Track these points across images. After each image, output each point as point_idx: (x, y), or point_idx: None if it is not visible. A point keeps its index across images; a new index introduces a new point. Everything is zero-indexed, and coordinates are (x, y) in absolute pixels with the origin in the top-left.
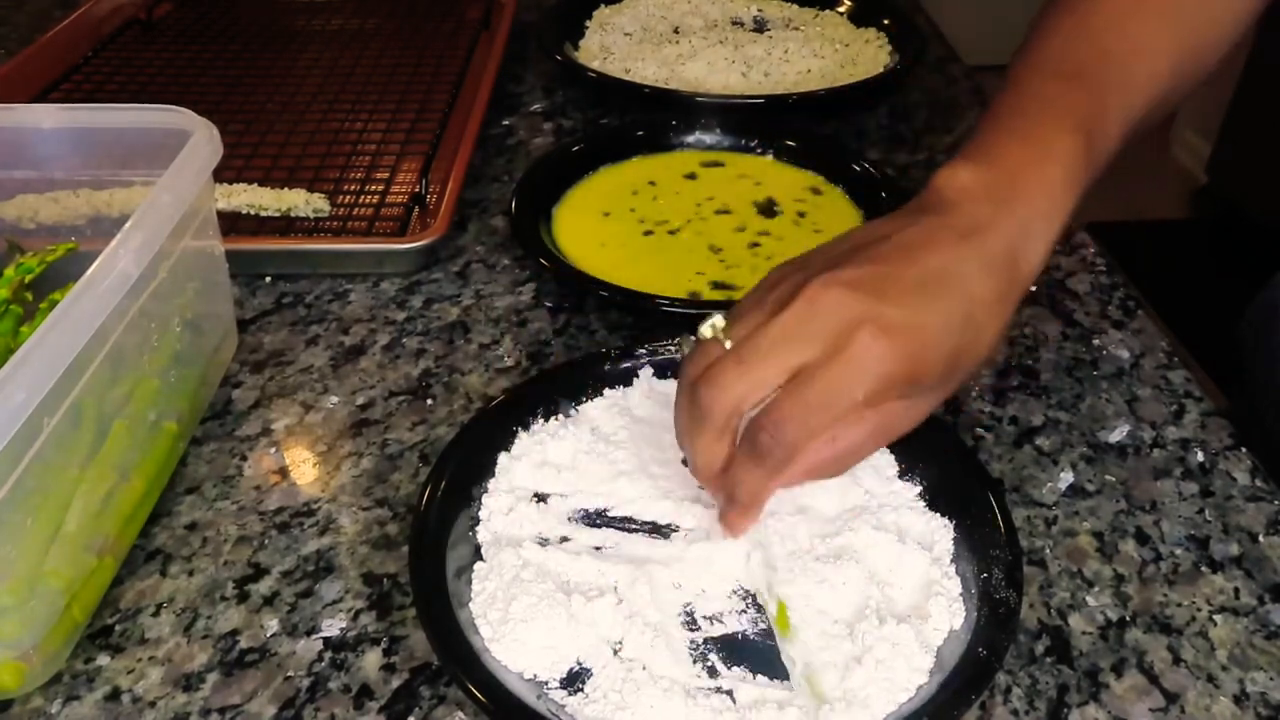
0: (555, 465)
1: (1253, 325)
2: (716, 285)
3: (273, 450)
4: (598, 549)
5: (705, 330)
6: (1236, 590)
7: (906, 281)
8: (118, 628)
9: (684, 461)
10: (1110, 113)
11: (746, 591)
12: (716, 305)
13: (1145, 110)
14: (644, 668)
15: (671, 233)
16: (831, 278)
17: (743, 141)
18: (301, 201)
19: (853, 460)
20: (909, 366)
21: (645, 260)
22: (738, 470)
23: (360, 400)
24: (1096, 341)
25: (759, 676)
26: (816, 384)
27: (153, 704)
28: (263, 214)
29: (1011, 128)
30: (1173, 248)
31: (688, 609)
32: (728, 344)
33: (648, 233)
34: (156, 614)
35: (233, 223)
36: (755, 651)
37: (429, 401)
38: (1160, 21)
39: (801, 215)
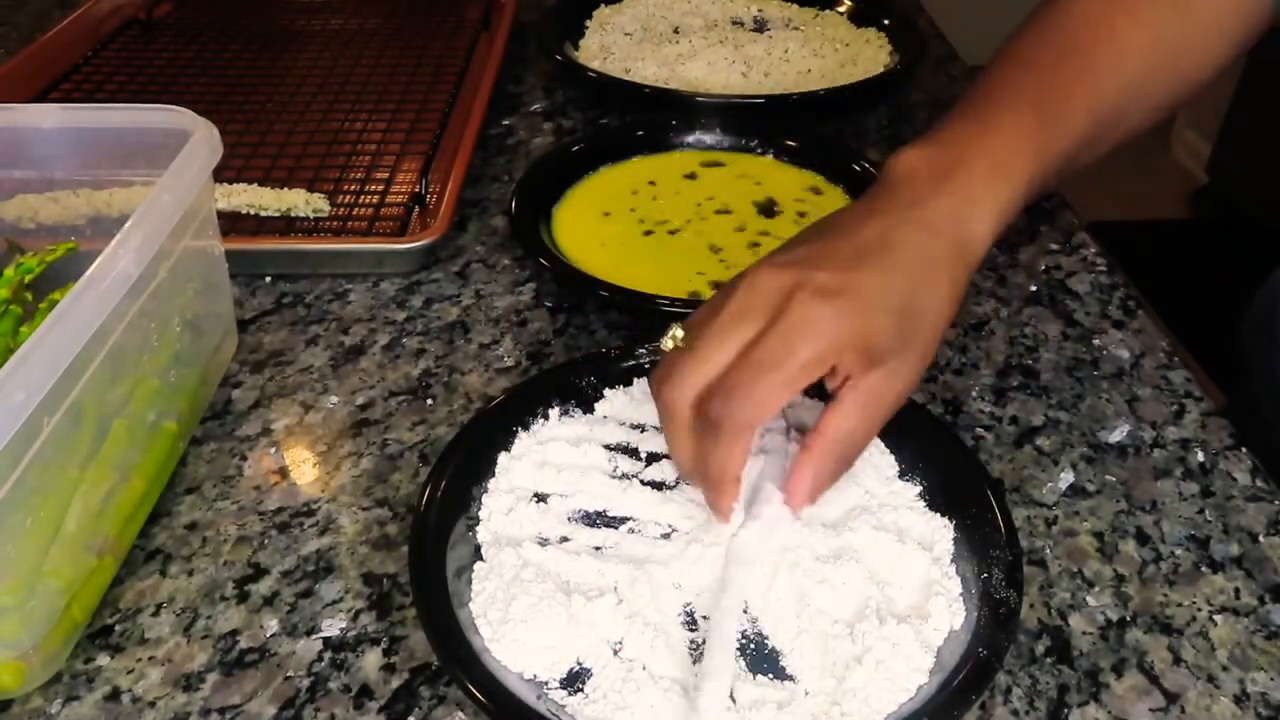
0: (555, 465)
1: (1252, 322)
2: (716, 285)
3: (273, 450)
4: (598, 549)
5: (667, 343)
6: (1237, 590)
7: (842, 251)
8: (118, 628)
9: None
10: (1072, 96)
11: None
12: None
13: (1117, 99)
14: (644, 668)
15: (671, 233)
16: (768, 260)
17: (743, 141)
18: (301, 201)
19: (850, 447)
20: (851, 324)
21: (645, 260)
22: (700, 449)
23: (360, 400)
24: (1097, 341)
25: (759, 676)
26: (759, 349)
27: (153, 704)
28: (263, 214)
29: (963, 111)
30: (1173, 248)
31: (688, 609)
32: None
33: (648, 233)
34: (156, 614)
35: (233, 223)
36: (755, 651)
37: (429, 401)
38: (1131, 20)
39: (802, 215)
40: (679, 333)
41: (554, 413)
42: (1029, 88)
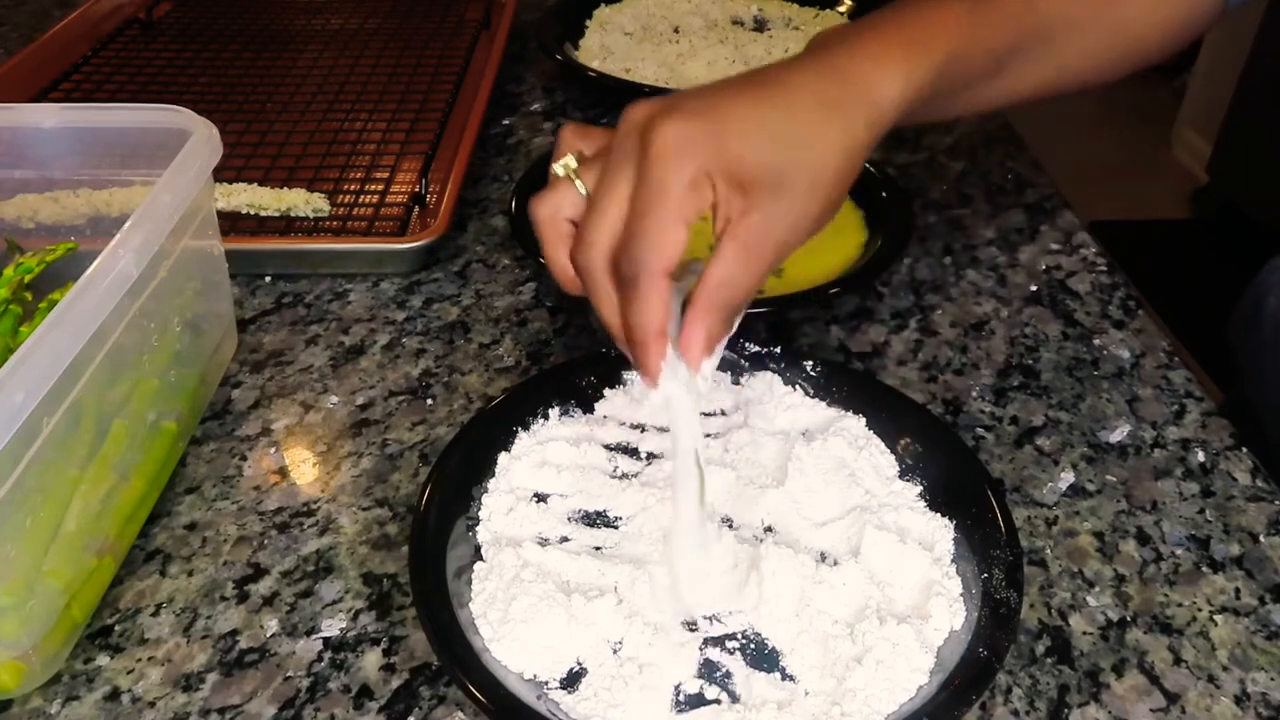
0: (555, 465)
1: (1240, 318)
2: None
3: (272, 450)
4: (598, 549)
5: (558, 169)
6: (1237, 590)
7: (724, 88)
8: (117, 628)
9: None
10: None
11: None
12: None
13: (1047, 20)
14: (644, 668)
15: None
16: (642, 102)
17: None
18: (301, 201)
19: (733, 293)
20: (714, 142)
21: None
22: (623, 312)
23: (360, 400)
24: (1097, 341)
25: (759, 676)
26: (640, 188)
27: (152, 704)
28: (263, 214)
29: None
30: (1173, 248)
31: (688, 608)
32: (579, 185)
33: None
34: (156, 614)
35: (233, 222)
36: (755, 651)
37: (429, 401)
38: None
39: None
40: (572, 163)
41: (554, 413)
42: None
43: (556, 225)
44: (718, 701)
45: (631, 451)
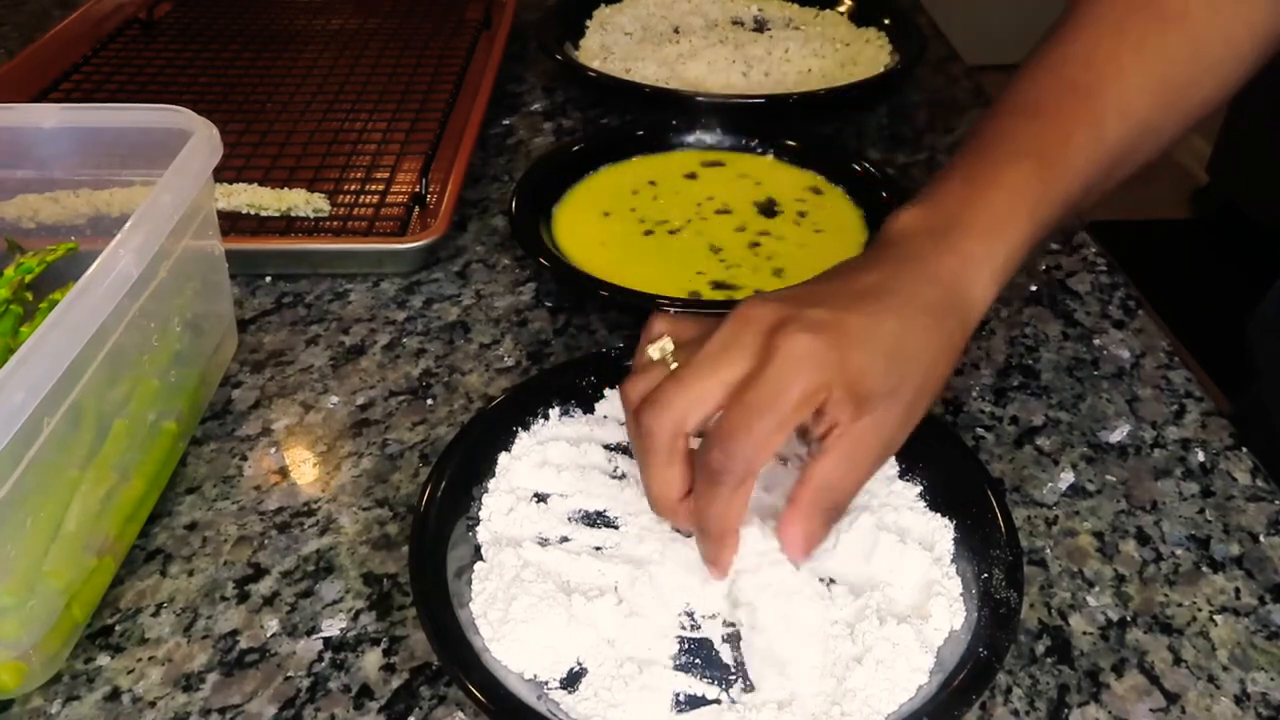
0: (555, 465)
1: (1263, 320)
2: (717, 285)
3: (273, 450)
4: (598, 549)
5: (653, 352)
6: (1237, 590)
7: (837, 293)
8: (118, 628)
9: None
10: (1072, 140)
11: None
12: (717, 305)
13: (1121, 139)
14: (644, 667)
15: (672, 232)
16: (763, 295)
17: (743, 141)
18: (301, 201)
19: (838, 496)
20: (838, 357)
21: (645, 260)
22: (699, 500)
23: (360, 400)
24: (1097, 341)
25: (759, 676)
26: (751, 390)
27: (153, 704)
28: (263, 214)
29: (960, 166)
30: (1173, 248)
31: (688, 609)
32: (673, 367)
33: (648, 232)
34: (156, 614)
35: (233, 222)
36: (755, 651)
37: (429, 401)
38: (1135, 55)
39: (802, 215)
40: (669, 345)
41: (554, 413)
42: (1028, 137)
43: (675, 441)
44: (718, 701)
45: (631, 451)
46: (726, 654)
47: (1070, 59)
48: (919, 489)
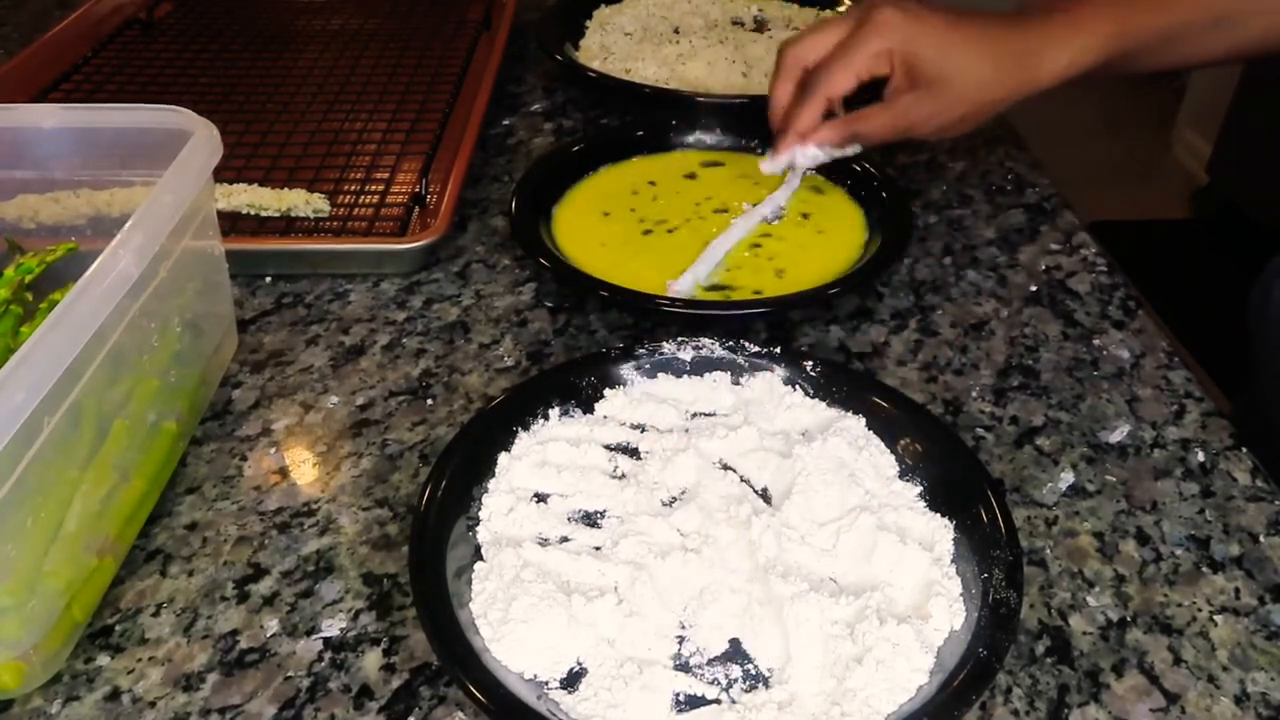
0: (555, 465)
1: (1252, 309)
2: (715, 287)
3: (273, 450)
4: (598, 549)
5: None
6: (1237, 590)
7: (943, 9)
8: (118, 628)
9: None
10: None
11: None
12: (716, 305)
13: (1195, 12)
14: (644, 667)
15: (671, 232)
16: None
17: (743, 141)
18: (301, 201)
19: (865, 129)
20: (905, 35)
21: (645, 260)
22: (795, 106)
23: (360, 400)
24: (1097, 341)
25: (759, 676)
26: (848, 42)
27: (153, 704)
28: (263, 214)
29: None
30: (1173, 248)
31: (688, 609)
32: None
33: (647, 232)
34: (156, 614)
35: (233, 223)
36: (755, 651)
37: (429, 401)
38: None
39: (805, 216)
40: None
41: (554, 413)
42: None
43: (793, 67)
44: (718, 701)
45: (631, 452)
46: (726, 653)
47: None
48: (919, 489)
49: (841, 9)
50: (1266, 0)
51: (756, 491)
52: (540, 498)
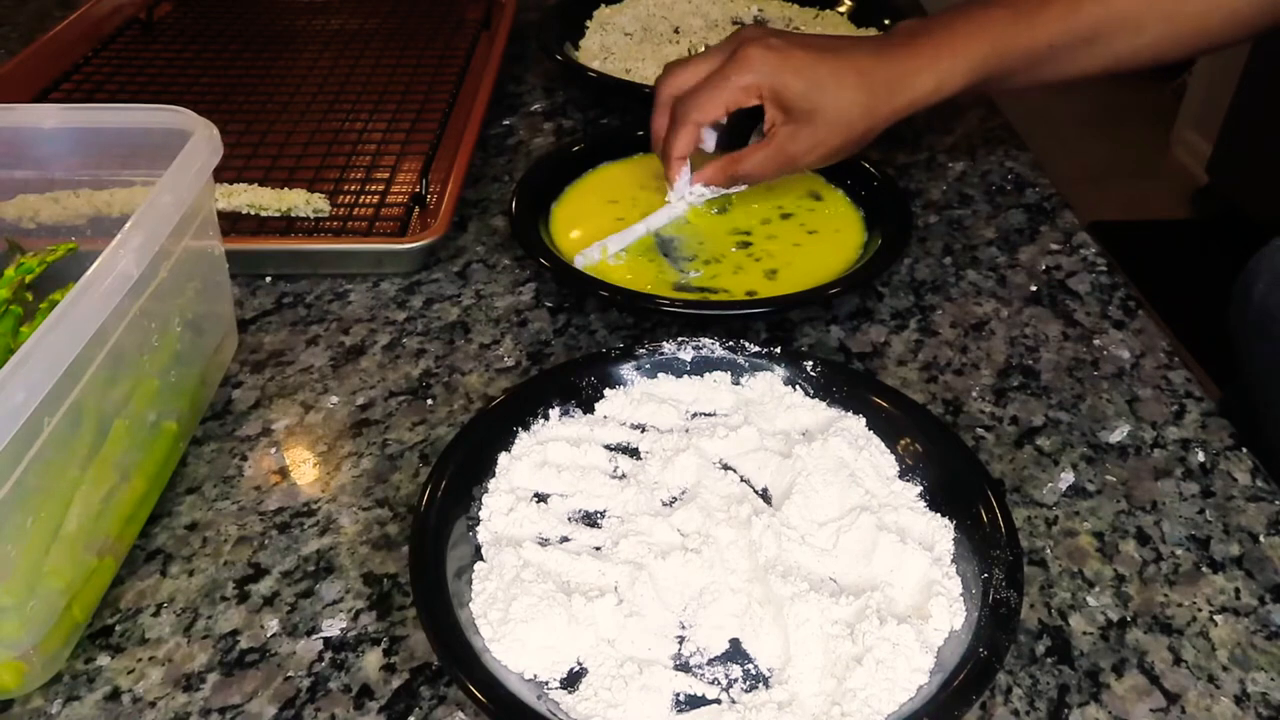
0: (555, 465)
1: (1233, 309)
2: (704, 288)
3: (273, 450)
4: (598, 549)
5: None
6: (1237, 590)
7: (808, 39)
8: (118, 628)
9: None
10: (1048, 6)
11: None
12: (716, 305)
13: (1098, 19)
14: (644, 667)
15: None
16: (754, 27)
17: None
18: (301, 201)
19: (741, 170)
20: (774, 69)
21: (645, 260)
22: (667, 134)
23: (360, 400)
24: (1097, 341)
25: (759, 677)
26: (716, 76)
27: (153, 704)
28: (263, 214)
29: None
30: (1173, 248)
31: (688, 609)
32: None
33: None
34: (156, 614)
35: (233, 223)
36: (755, 651)
37: (429, 401)
38: None
39: (785, 216)
40: (700, 46)
41: (554, 413)
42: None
43: (667, 100)
44: (718, 701)
45: (631, 451)
46: (726, 653)
47: None
48: (919, 489)
49: (841, 9)
50: (1132, 20)
51: (756, 491)
52: (540, 498)
